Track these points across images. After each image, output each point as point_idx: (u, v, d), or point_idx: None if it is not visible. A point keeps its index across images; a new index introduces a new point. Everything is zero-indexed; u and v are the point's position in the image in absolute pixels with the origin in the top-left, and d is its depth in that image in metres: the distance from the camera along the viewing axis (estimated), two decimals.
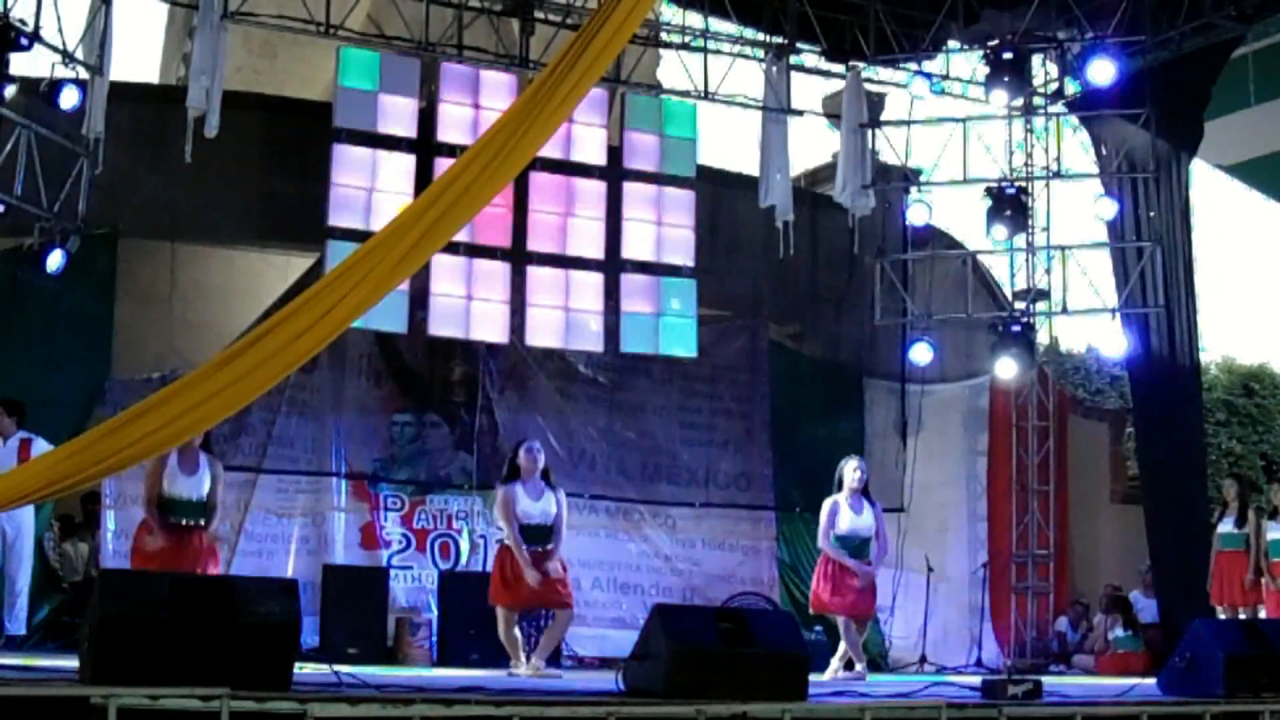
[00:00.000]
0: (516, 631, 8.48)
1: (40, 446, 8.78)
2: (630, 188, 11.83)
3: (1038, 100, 13.10)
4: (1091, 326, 13.80)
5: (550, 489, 8.41)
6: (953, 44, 13.11)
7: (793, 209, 12.33)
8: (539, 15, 11.91)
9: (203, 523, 7.79)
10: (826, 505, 9.27)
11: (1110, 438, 14.88)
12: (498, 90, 11.35)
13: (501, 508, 8.34)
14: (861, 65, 12.70)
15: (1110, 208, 12.42)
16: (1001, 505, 13.05)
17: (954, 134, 12.68)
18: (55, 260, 9.69)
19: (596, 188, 11.71)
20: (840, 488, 9.27)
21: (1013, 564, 12.94)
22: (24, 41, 9.10)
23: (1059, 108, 13.34)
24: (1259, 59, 12.95)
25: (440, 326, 11.08)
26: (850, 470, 9.26)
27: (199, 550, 7.75)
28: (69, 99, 9.51)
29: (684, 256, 11.88)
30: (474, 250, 11.13)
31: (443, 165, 10.06)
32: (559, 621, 8.62)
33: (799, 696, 6.13)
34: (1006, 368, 12.31)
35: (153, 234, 11.03)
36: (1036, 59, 13.03)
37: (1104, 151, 12.90)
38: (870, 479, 9.53)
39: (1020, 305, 12.98)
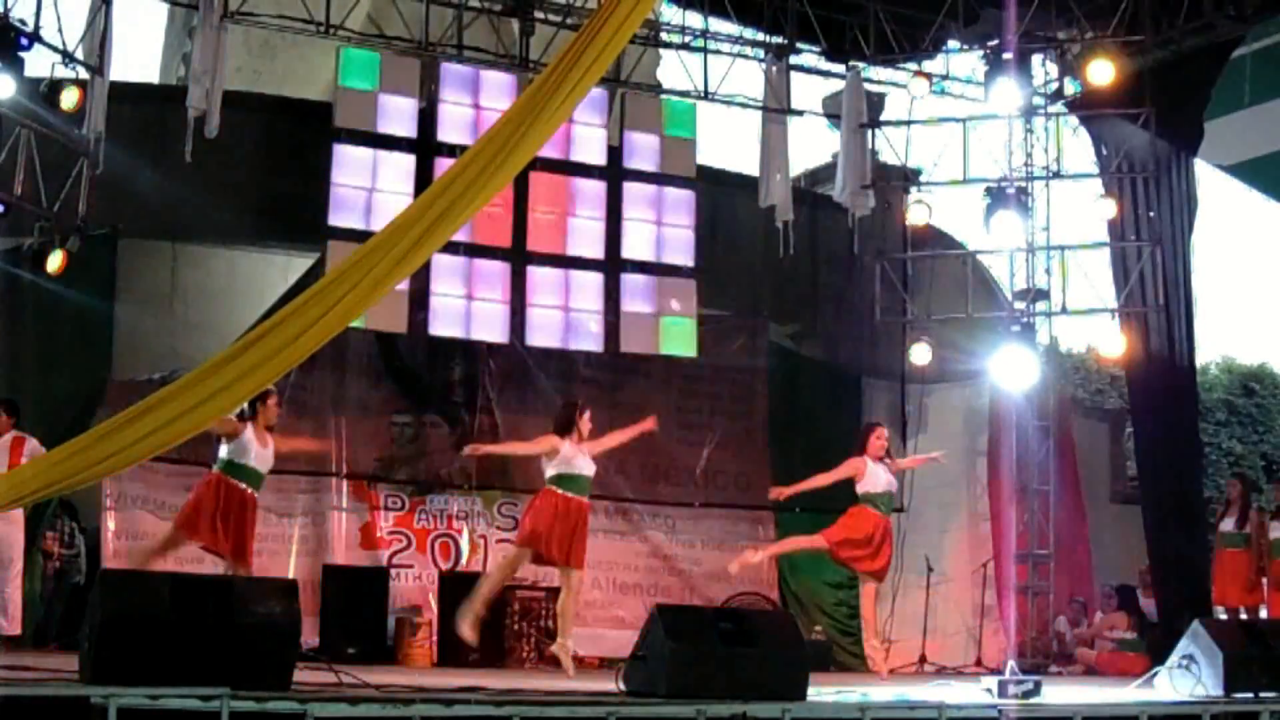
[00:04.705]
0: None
1: (32, 446, 8.78)
2: (630, 188, 11.82)
3: (1038, 100, 13.10)
4: (1091, 326, 13.79)
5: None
6: (953, 44, 13.11)
7: (793, 209, 12.34)
8: (539, 15, 11.92)
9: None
10: (855, 461, 9.44)
11: (1110, 438, 14.88)
12: (498, 90, 11.35)
13: (552, 454, 8.70)
14: (861, 65, 12.70)
15: (1110, 208, 12.42)
16: (1002, 505, 13.03)
17: (954, 134, 12.68)
18: (55, 260, 9.67)
19: (596, 188, 11.70)
20: (864, 450, 9.44)
21: (1013, 564, 12.92)
22: (24, 41, 9.09)
23: (1059, 108, 13.34)
24: (1258, 59, 12.93)
25: (440, 326, 11.08)
26: (875, 437, 9.53)
27: (244, 503, 8.35)
28: (69, 99, 9.50)
29: (684, 256, 11.87)
30: (474, 250, 11.12)
31: (443, 165, 10.06)
32: (571, 586, 8.62)
33: (799, 696, 6.13)
34: (1006, 368, 12.30)
35: (153, 234, 11.03)
36: (1036, 59, 13.03)
37: (1104, 151, 12.89)
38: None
39: (1020, 305, 12.97)
